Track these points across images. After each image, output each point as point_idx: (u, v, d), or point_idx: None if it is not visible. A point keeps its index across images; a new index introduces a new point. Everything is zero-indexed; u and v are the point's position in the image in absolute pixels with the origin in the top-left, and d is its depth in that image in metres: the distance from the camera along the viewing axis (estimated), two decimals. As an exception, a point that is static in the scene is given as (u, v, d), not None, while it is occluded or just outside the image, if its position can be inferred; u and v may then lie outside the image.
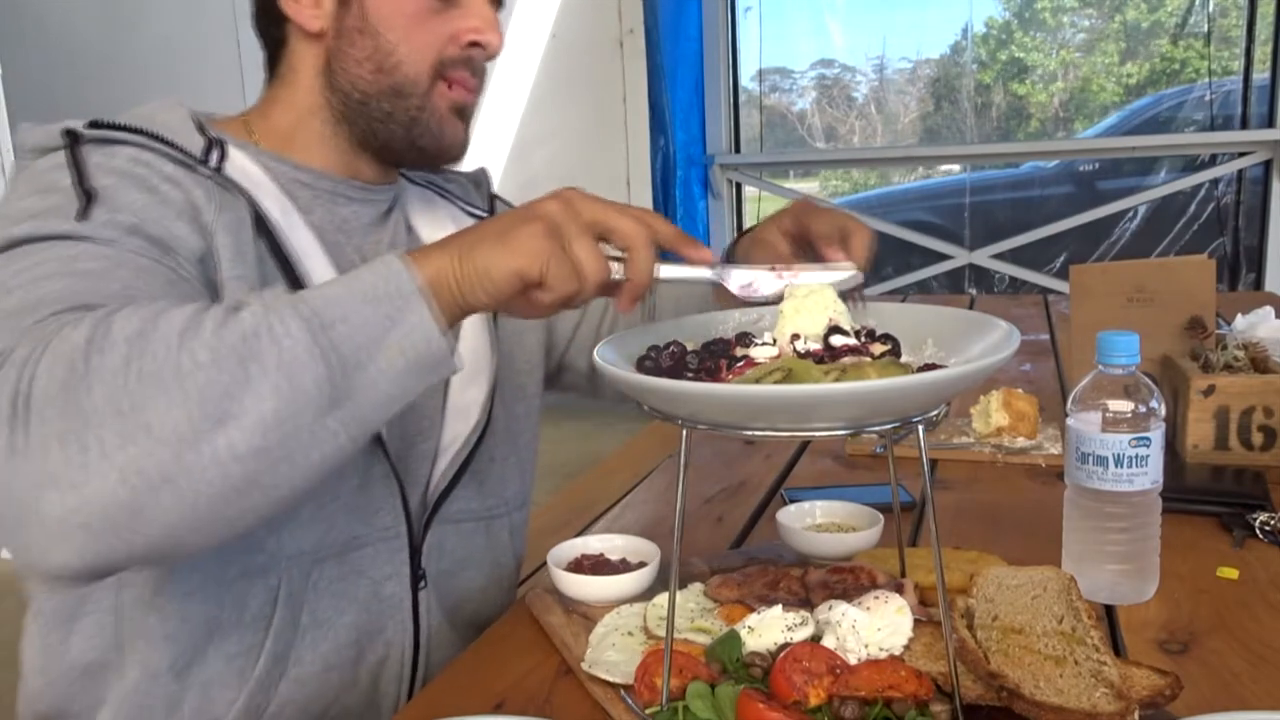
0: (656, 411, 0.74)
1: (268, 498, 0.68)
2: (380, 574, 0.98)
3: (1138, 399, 0.92)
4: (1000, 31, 5.11)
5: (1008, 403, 1.45)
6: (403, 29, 0.94)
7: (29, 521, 0.64)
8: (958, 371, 0.70)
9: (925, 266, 4.87)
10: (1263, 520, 1.11)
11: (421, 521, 1.01)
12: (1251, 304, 1.82)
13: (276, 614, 0.92)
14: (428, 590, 1.02)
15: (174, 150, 0.89)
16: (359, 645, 0.98)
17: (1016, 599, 0.86)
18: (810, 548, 1.05)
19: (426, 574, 1.02)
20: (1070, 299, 1.60)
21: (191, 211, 0.86)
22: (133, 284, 0.77)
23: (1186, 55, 4.71)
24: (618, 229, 0.75)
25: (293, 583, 0.93)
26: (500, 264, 0.72)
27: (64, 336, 0.66)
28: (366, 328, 0.69)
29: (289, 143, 0.99)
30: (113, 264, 0.78)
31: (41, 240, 0.78)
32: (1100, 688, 0.72)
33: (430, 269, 0.72)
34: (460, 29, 0.96)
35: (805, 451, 1.55)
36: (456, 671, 0.91)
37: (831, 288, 0.81)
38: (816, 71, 5.37)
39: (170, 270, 0.82)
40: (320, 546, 0.94)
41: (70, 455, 0.63)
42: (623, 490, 1.47)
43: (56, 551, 0.64)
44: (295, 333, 0.67)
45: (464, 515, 1.06)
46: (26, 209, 0.80)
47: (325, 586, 0.95)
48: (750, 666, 0.78)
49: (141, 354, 0.65)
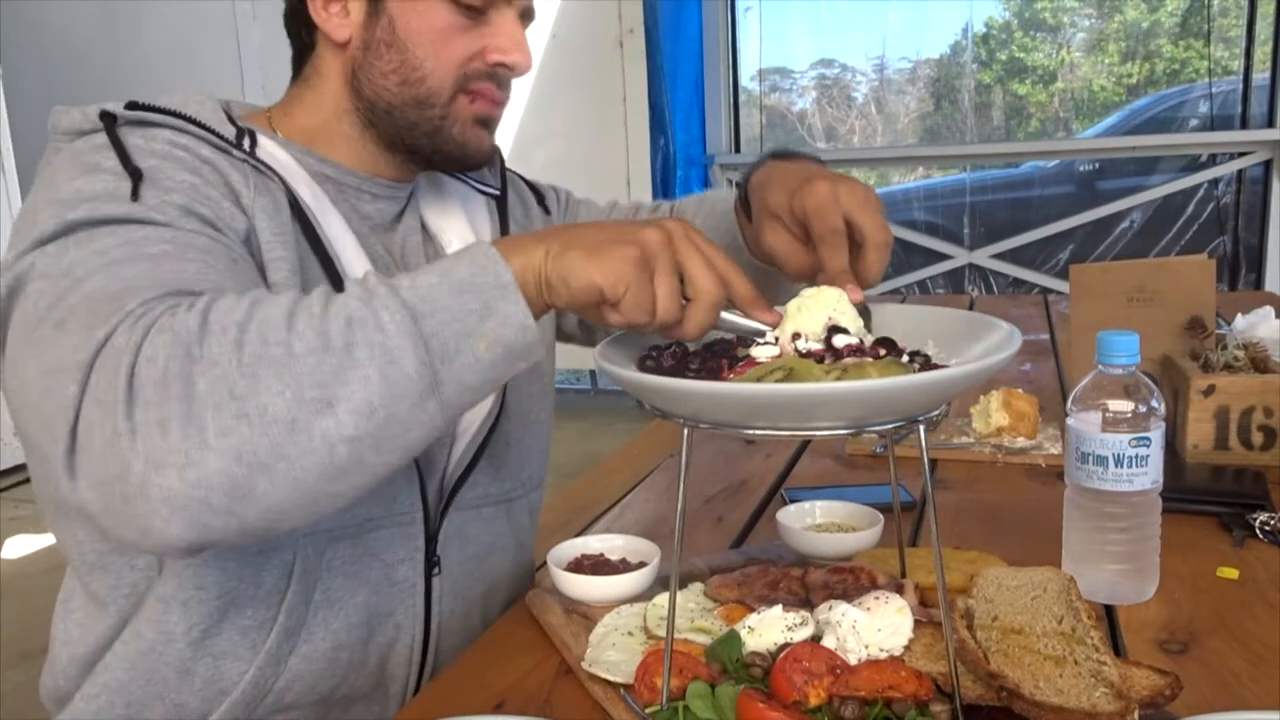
0: (658, 411, 0.74)
1: (367, 476, 0.71)
2: (393, 557, 0.99)
3: (1138, 399, 0.92)
4: (1000, 31, 5.11)
5: (1008, 403, 1.45)
6: (430, 44, 0.94)
7: (144, 498, 0.66)
8: (960, 371, 0.70)
9: (925, 266, 4.87)
10: (1263, 520, 1.11)
11: (438, 508, 1.02)
12: (1251, 304, 1.82)
13: (290, 589, 0.93)
14: (441, 577, 1.03)
15: (209, 134, 0.90)
16: (369, 626, 0.99)
17: (1016, 599, 0.86)
18: (810, 548, 1.05)
19: (442, 561, 1.03)
20: (1070, 299, 1.60)
21: (231, 193, 0.88)
22: (205, 266, 0.79)
23: (1186, 55, 4.71)
24: (696, 281, 0.76)
25: (307, 560, 0.94)
26: (585, 274, 0.74)
27: (171, 323, 0.68)
28: (463, 317, 0.71)
29: (314, 139, 1.00)
30: (180, 245, 0.80)
31: (102, 224, 0.79)
32: (1100, 688, 0.72)
33: (521, 260, 0.74)
34: (488, 47, 0.96)
35: (805, 451, 1.55)
36: (457, 671, 0.91)
37: (833, 288, 0.82)
38: (816, 71, 5.37)
39: (226, 249, 0.83)
40: (337, 526, 0.95)
41: (187, 434, 0.65)
42: (623, 490, 1.47)
43: (170, 527, 0.67)
44: (397, 321, 0.69)
45: (484, 500, 1.07)
46: (79, 191, 0.81)
47: (339, 566, 0.96)
48: (750, 666, 0.78)
49: (252, 339, 0.68)
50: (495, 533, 1.09)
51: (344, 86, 0.98)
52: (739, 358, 0.79)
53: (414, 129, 0.97)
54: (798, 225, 0.92)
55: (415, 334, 0.69)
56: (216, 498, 0.66)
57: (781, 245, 0.95)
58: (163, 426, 0.65)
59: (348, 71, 0.98)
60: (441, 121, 0.97)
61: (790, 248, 0.94)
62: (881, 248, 0.88)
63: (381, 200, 1.03)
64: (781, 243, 0.95)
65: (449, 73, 0.95)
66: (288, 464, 0.67)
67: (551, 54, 4.66)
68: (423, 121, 0.97)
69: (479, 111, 0.99)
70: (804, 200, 0.90)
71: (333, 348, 0.68)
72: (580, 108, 4.67)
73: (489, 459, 1.05)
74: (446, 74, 0.95)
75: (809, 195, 0.89)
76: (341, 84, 0.98)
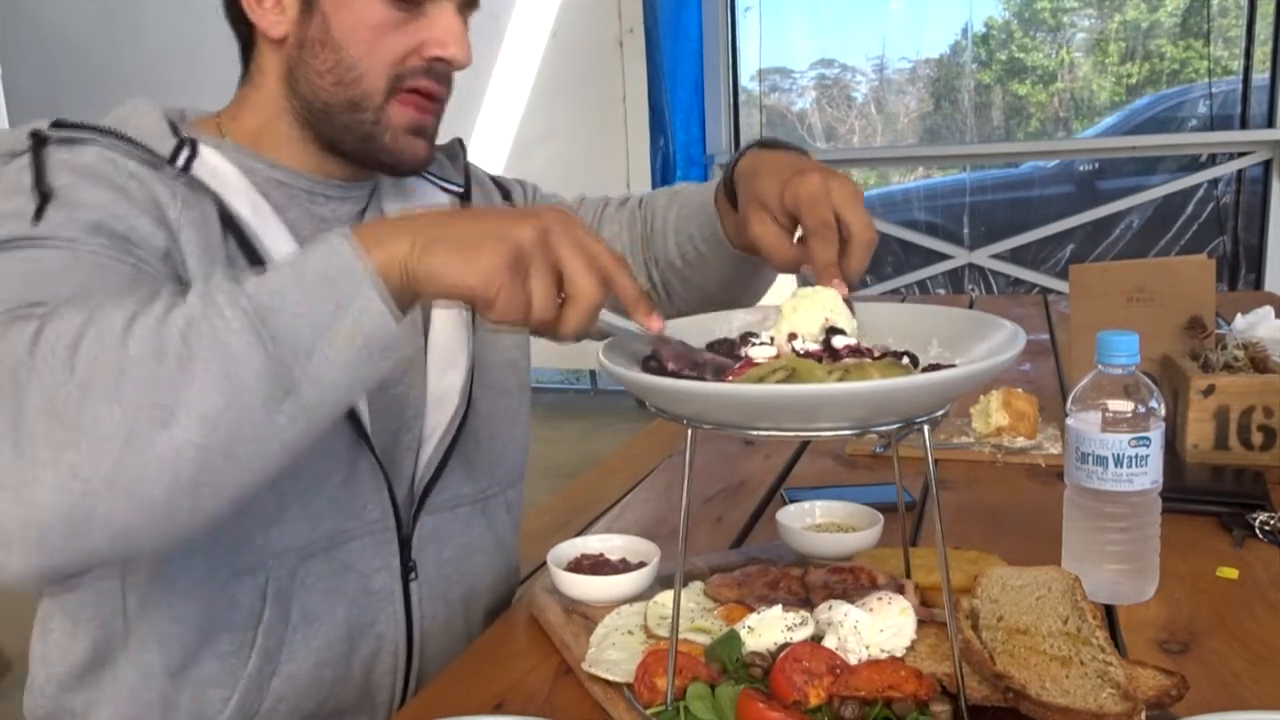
0: (661, 411, 0.74)
1: (222, 494, 0.67)
2: (369, 567, 0.98)
3: (1138, 399, 0.92)
4: (1000, 31, 5.11)
5: (1008, 403, 1.45)
6: (365, 43, 0.91)
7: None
8: (964, 371, 0.70)
9: (925, 266, 4.87)
10: (1263, 520, 1.11)
11: (410, 512, 1.01)
12: (1251, 304, 1.82)
13: (266, 611, 0.92)
14: (419, 582, 1.02)
15: (139, 149, 0.88)
16: (350, 640, 0.98)
17: (1021, 599, 0.86)
18: (810, 548, 1.05)
19: (418, 565, 1.02)
20: (1070, 299, 1.60)
21: (156, 208, 0.85)
22: (90, 283, 0.76)
23: (1186, 55, 4.71)
24: (574, 281, 0.73)
25: (280, 580, 0.92)
26: (454, 275, 0.70)
27: (5, 339, 0.66)
28: (311, 314, 0.67)
29: (260, 141, 0.97)
30: (69, 265, 0.77)
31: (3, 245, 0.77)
32: (1106, 688, 0.72)
33: (382, 254, 0.70)
34: (425, 41, 0.93)
35: (805, 451, 1.54)
36: (456, 671, 0.91)
37: (828, 288, 0.82)
38: (816, 71, 5.37)
39: (133, 267, 0.81)
40: (307, 543, 0.93)
41: (19, 459, 0.62)
42: (623, 490, 1.47)
43: (12, 558, 0.64)
44: (234, 323, 0.66)
45: (458, 500, 1.05)
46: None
47: (314, 582, 0.95)
48: (750, 666, 0.78)
49: (85, 352, 0.64)
50: (472, 533, 1.07)
51: (281, 84, 0.95)
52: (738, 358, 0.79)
53: (348, 132, 0.95)
54: (786, 216, 0.90)
55: (260, 332, 0.66)
56: (56, 524, 0.63)
57: (769, 236, 0.92)
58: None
59: (284, 69, 0.95)
60: (374, 127, 0.94)
61: (777, 238, 0.92)
62: (867, 245, 0.86)
63: (336, 202, 1.00)
64: (769, 233, 0.92)
65: (383, 72, 0.92)
66: (129, 482, 0.63)
67: (551, 54, 4.66)
68: (355, 125, 0.94)
69: (411, 120, 0.95)
70: (796, 191, 0.88)
71: (169, 353, 0.64)
72: (580, 108, 4.66)
73: (460, 459, 1.04)
74: (381, 73, 0.92)
75: (801, 186, 0.88)
76: (279, 82, 0.96)
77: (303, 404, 0.67)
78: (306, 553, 0.93)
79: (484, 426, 1.07)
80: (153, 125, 0.91)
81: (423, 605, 1.03)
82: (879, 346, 0.79)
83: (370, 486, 0.97)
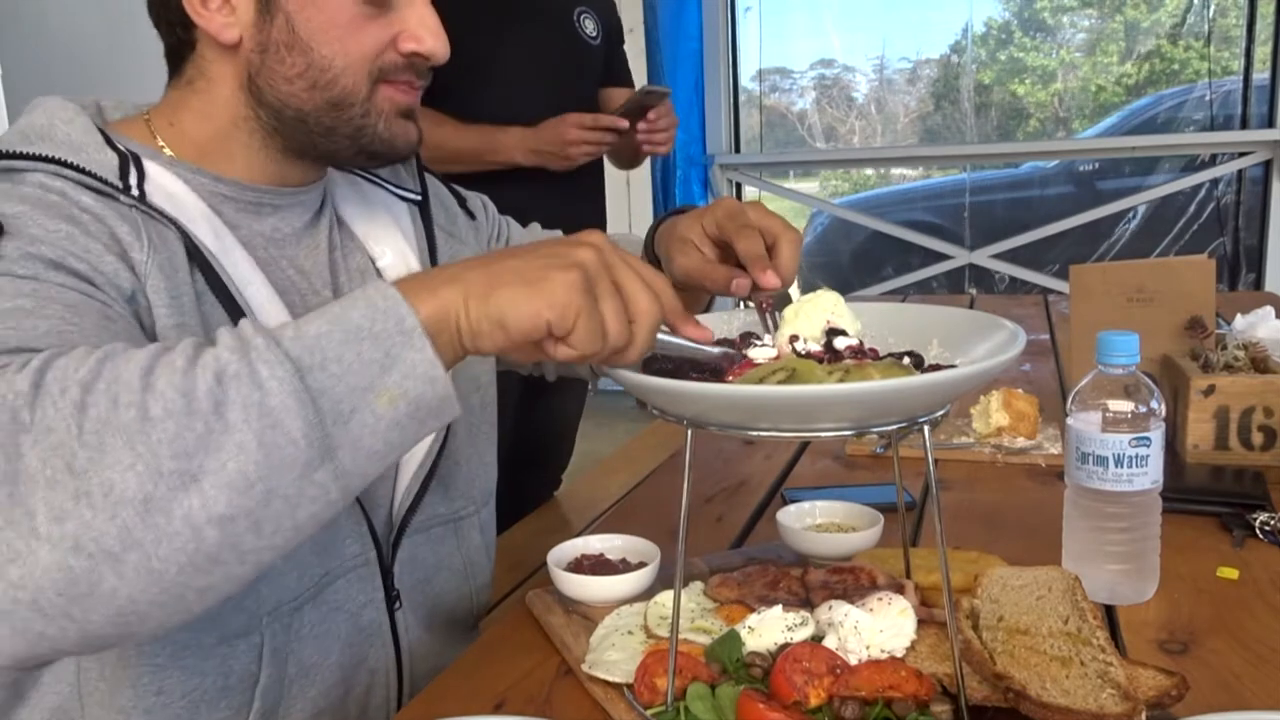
0: (661, 412, 0.74)
1: (245, 564, 0.61)
2: (356, 604, 0.94)
3: (1138, 399, 0.92)
4: (1000, 31, 5.11)
5: (1008, 403, 1.45)
6: (337, 41, 0.85)
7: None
8: (965, 372, 0.70)
9: (925, 266, 4.87)
10: (1263, 520, 1.11)
11: (389, 541, 0.97)
12: (1251, 304, 1.82)
13: (263, 673, 0.86)
14: (403, 610, 0.99)
15: (88, 177, 0.79)
16: (345, 683, 0.94)
17: (1021, 599, 0.86)
18: (810, 548, 1.05)
19: (400, 593, 0.98)
20: (1070, 299, 1.60)
21: (117, 246, 0.78)
22: (66, 323, 0.69)
23: (1186, 55, 4.71)
24: (636, 300, 0.69)
25: (276, 637, 0.87)
26: (528, 310, 0.65)
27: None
28: (359, 370, 0.62)
29: (205, 154, 0.90)
30: (41, 300, 0.70)
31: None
32: (1107, 689, 0.72)
33: (433, 305, 0.65)
34: (400, 35, 0.88)
35: (805, 451, 1.54)
36: (456, 671, 0.91)
37: (831, 291, 0.82)
38: (816, 71, 5.37)
39: (101, 306, 0.74)
40: (297, 594, 0.88)
41: (13, 521, 0.55)
42: (623, 490, 1.47)
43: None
44: (278, 375, 0.59)
45: (432, 521, 1.02)
46: None
47: (308, 633, 0.90)
48: (750, 666, 0.78)
49: (98, 401, 0.58)
50: (441, 553, 1.04)
51: (240, 92, 0.88)
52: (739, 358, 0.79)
53: (333, 133, 0.89)
54: (709, 244, 0.94)
55: (301, 390, 0.59)
56: (49, 598, 0.56)
57: (695, 262, 0.94)
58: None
59: (243, 76, 0.87)
60: (364, 120, 0.88)
61: (705, 263, 0.94)
62: (794, 243, 0.90)
63: (285, 210, 0.94)
64: (695, 259, 0.95)
65: (362, 68, 0.87)
66: (142, 553, 0.56)
67: (551, 54, 4.65)
68: (342, 124, 0.88)
69: (400, 102, 0.90)
70: (714, 214, 0.93)
71: (198, 410, 0.58)
72: (580, 107, 4.65)
73: (438, 482, 1.00)
74: (359, 70, 0.87)
75: (718, 209, 0.93)
76: (236, 89, 0.88)
77: (337, 471, 0.62)
78: (297, 604, 0.88)
79: (462, 446, 1.04)
80: (83, 135, 0.82)
81: (409, 632, 1.00)
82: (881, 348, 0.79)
83: (348, 522, 0.92)
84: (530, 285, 0.66)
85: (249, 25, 0.85)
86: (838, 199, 5.44)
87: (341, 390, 0.61)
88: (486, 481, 1.10)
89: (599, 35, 2.05)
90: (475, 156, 1.88)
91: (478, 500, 1.08)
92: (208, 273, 0.83)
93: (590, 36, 2.03)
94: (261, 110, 0.88)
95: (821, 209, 5.33)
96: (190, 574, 0.59)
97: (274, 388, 0.59)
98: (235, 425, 0.58)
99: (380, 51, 0.88)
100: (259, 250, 0.90)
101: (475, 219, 1.16)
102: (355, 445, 0.62)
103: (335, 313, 0.63)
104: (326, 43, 0.85)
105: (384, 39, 0.88)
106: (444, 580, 1.05)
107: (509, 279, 0.66)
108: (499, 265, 0.68)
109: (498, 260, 0.69)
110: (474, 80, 1.89)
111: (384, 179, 1.05)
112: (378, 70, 0.88)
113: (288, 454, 0.59)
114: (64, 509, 0.56)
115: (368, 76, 0.88)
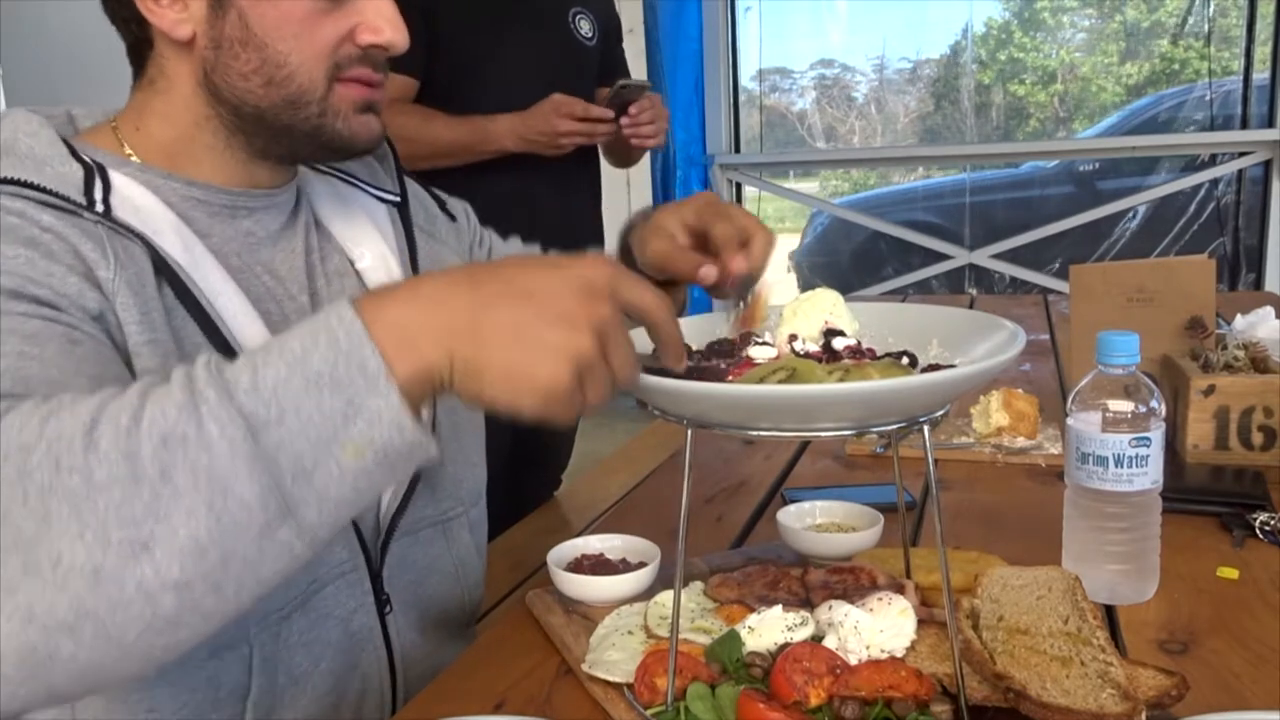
0: (662, 412, 0.74)
1: (210, 622, 0.60)
2: (346, 610, 0.93)
3: (1138, 399, 0.92)
4: (1000, 31, 5.11)
5: (1008, 403, 1.45)
6: (292, 37, 0.83)
7: None
8: (965, 372, 0.70)
9: (925, 266, 4.87)
10: (1263, 520, 1.11)
11: (378, 546, 0.96)
12: (1251, 304, 1.82)
13: (254, 683, 0.85)
14: (394, 614, 0.98)
15: (50, 196, 0.77)
16: (338, 690, 0.93)
17: (1021, 599, 0.86)
18: (810, 548, 1.05)
19: (391, 597, 0.97)
20: (1070, 299, 1.60)
21: (82, 265, 0.75)
22: (24, 357, 0.67)
23: (1186, 55, 4.71)
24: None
25: (265, 647, 0.86)
26: (506, 397, 0.63)
27: None
28: (319, 423, 0.58)
29: (174, 157, 0.88)
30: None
31: None
32: (1107, 689, 0.72)
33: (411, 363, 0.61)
34: (358, 26, 0.86)
35: (805, 451, 1.54)
36: (456, 672, 0.91)
37: (830, 290, 0.82)
38: (816, 71, 5.37)
39: (65, 330, 0.71)
40: (285, 602, 0.87)
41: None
42: (623, 490, 1.47)
43: None
44: (229, 436, 0.56)
45: (420, 523, 1.00)
46: None
47: (297, 641, 0.89)
48: (750, 666, 0.78)
49: (41, 464, 0.55)
50: (431, 554, 1.02)
51: (198, 91, 0.86)
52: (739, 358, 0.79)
53: (290, 130, 0.87)
54: (684, 232, 0.98)
55: (253, 454, 0.57)
56: (6, 669, 0.55)
57: (667, 248, 0.99)
58: None
59: (199, 74, 0.85)
60: (320, 119, 0.86)
61: (676, 249, 0.98)
62: (766, 242, 0.94)
63: (259, 212, 0.92)
64: (667, 246, 0.99)
65: (319, 64, 0.85)
66: (97, 621, 0.55)
67: (551, 54, 4.65)
68: (299, 122, 0.86)
69: (359, 98, 0.88)
70: (694, 202, 0.99)
71: (144, 475, 0.55)
72: (580, 107, 4.65)
73: (424, 484, 0.98)
74: (316, 66, 0.85)
75: (698, 200, 0.99)
76: (195, 88, 0.86)
77: (300, 528, 0.59)
78: (285, 613, 0.87)
79: (447, 445, 1.03)
80: (47, 148, 0.80)
81: (401, 636, 0.99)
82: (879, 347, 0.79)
83: None
84: (514, 379, 0.63)
85: (201, 20, 0.84)
86: (838, 199, 5.44)
87: (302, 445, 0.58)
88: (474, 481, 1.09)
89: (594, 36, 2.06)
90: (467, 149, 1.90)
91: (466, 500, 1.07)
92: (177, 286, 0.81)
93: (585, 37, 2.04)
94: (221, 108, 0.87)
95: (821, 209, 5.33)
96: (152, 636, 0.57)
97: (223, 450, 0.57)
98: (184, 490, 0.56)
99: (337, 45, 0.86)
100: (231, 258, 0.89)
101: (456, 220, 1.15)
102: (321, 498, 0.60)
103: (295, 352, 0.60)
104: (281, 39, 0.84)
105: (340, 32, 0.85)
106: (435, 582, 1.04)
107: (497, 356, 0.63)
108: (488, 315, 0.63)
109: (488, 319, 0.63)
110: (471, 82, 1.90)
111: (362, 180, 1.03)
112: (334, 65, 0.86)
113: (241, 518, 0.57)
114: (13, 581, 0.54)
115: (325, 73, 0.86)
